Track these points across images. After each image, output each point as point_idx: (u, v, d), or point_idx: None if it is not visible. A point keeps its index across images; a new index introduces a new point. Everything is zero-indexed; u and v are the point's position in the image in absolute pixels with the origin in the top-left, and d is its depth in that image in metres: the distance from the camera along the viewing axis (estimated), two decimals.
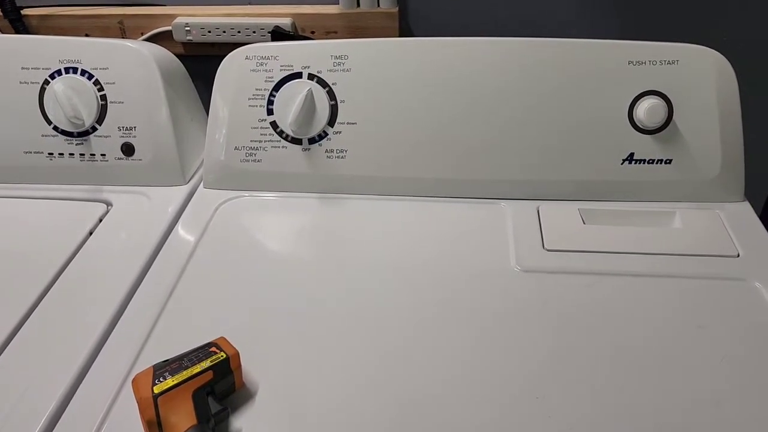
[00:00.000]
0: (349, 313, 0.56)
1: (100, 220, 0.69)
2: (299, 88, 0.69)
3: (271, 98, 0.70)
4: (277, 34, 0.89)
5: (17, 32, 0.92)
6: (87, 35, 0.93)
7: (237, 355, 0.48)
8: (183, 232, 0.67)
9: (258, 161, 0.71)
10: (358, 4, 0.90)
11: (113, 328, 0.55)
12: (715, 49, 0.67)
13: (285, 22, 0.90)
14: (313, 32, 0.92)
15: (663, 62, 0.66)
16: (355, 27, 0.91)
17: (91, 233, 0.67)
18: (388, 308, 0.56)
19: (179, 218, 0.69)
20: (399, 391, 0.48)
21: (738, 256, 0.61)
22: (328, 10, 0.91)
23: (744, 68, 0.75)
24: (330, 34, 0.92)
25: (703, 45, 0.67)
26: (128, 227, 0.68)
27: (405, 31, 0.94)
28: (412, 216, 0.68)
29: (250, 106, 0.71)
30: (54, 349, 0.53)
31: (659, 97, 0.66)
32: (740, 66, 0.68)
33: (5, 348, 0.53)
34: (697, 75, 0.66)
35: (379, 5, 0.90)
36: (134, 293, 0.59)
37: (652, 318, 0.54)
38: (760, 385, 0.48)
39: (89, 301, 0.57)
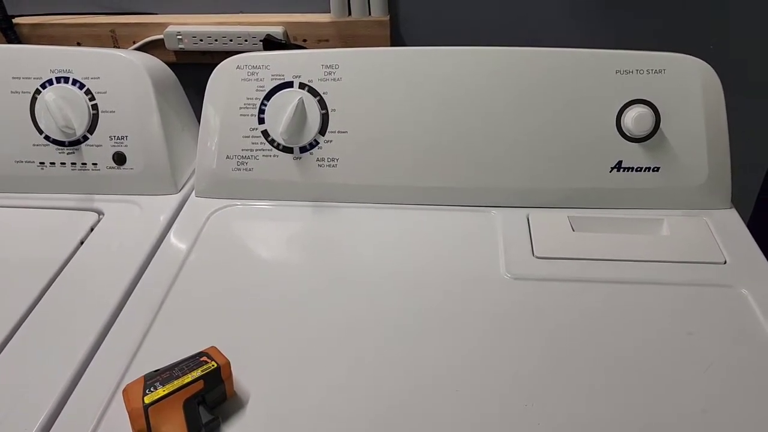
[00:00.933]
0: (340, 321, 0.56)
1: (92, 229, 0.69)
2: (290, 97, 0.69)
3: (263, 107, 0.71)
4: (269, 43, 0.89)
5: (8, 41, 0.92)
6: (79, 44, 0.93)
7: (228, 364, 0.48)
8: (175, 241, 0.67)
9: (249, 170, 0.72)
10: (350, 13, 0.91)
11: (104, 338, 0.55)
12: (702, 58, 0.68)
13: (277, 31, 0.90)
14: (304, 40, 0.92)
15: (650, 71, 0.67)
16: (346, 35, 0.91)
17: (82, 242, 0.67)
18: (380, 316, 0.56)
19: (171, 227, 0.69)
20: (390, 399, 0.48)
21: (725, 263, 0.61)
22: (320, 18, 0.91)
23: (730, 76, 0.76)
24: (321, 42, 0.92)
25: (689, 54, 0.68)
26: (120, 236, 0.68)
27: (396, 39, 0.94)
28: (403, 224, 0.68)
29: (241, 115, 0.71)
30: (45, 358, 0.53)
31: (647, 106, 0.67)
32: (726, 74, 0.69)
33: None
34: (684, 84, 0.67)
35: (370, 14, 0.90)
36: (126, 302, 0.59)
37: (641, 324, 0.55)
38: (746, 391, 0.48)
39: (80, 311, 0.57)
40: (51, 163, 0.74)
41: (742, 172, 0.94)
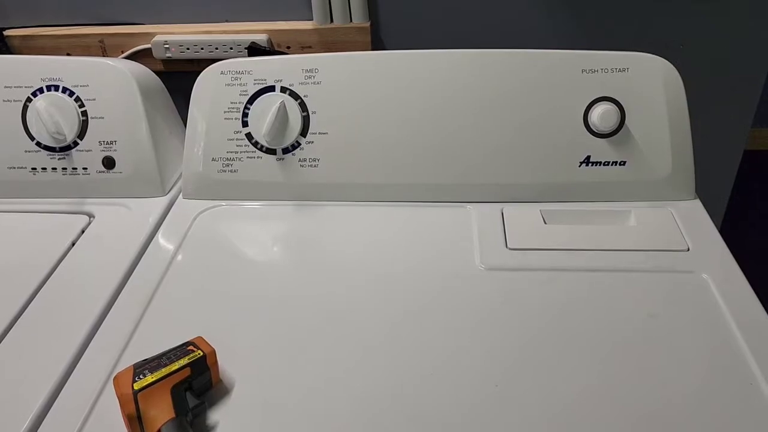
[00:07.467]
0: (321, 313, 0.58)
1: (83, 232, 0.72)
2: (272, 101, 0.72)
3: (246, 111, 0.73)
4: (254, 50, 0.92)
5: None
6: (68, 54, 0.96)
7: (213, 352, 0.51)
8: (163, 241, 0.69)
9: (234, 171, 0.74)
10: (332, 20, 0.93)
11: (96, 332, 0.57)
12: (673, 57, 0.71)
13: (261, 38, 0.93)
14: (288, 47, 0.95)
15: (614, 70, 0.70)
16: (329, 41, 0.94)
17: (73, 244, 0.69)
18: (360, 308, 0.59)
19: (159, 228, 0.72)
20: (369, 385, 0.51)
21: (688, 250, 0.64)
22: (303, 26, 0.94)
23: (699, 74, 0.79)
24: (305, 48, 0.95)
25: (661, 54, 0.71)
26: (110, 238, 0.70)
27: (377, 44, 0.97)
28: (382, 220, 0.71)
29: (225, 118, 0.74)
30: (40, 351, 0.55)
31: (612, 103, 0.70)
32: (695, 72, 0.71)
33: None
34: (646, 81, 0.70)
35: (351, 20, 0.93)
36: (116, 299, 0.61)
37: (607, 309, 0.57)
38: (703, 367, 0.51)
39: (73, 308, 0.60)
40: (42, 169, 0.76)
41: (706, 164, 0.97)
